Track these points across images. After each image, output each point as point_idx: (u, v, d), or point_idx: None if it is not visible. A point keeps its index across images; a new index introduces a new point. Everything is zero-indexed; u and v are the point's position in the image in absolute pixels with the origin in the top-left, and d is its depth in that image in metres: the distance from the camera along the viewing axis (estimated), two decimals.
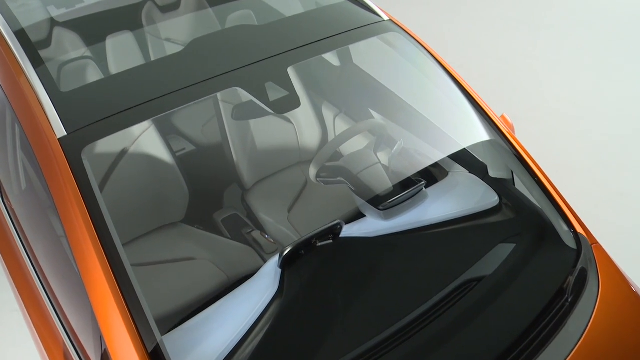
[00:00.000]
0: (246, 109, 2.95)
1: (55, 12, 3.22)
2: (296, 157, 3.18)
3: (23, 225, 2.62)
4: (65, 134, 2.10)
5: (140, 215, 2.78)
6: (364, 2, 2.79)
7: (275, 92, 2.34)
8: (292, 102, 2.36)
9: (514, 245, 2.33)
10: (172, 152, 2.85)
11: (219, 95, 2.98)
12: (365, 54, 3.13)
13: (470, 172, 2.65)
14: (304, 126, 3.19)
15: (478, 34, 6.24)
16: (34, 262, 2.55)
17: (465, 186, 2.61)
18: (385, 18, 2.72)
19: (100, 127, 2.12)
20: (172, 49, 3.40)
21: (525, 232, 2.39)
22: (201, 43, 2.47)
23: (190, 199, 2.86)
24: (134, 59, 3.16)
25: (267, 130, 3.12)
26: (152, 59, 3.37)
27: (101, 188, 2.68)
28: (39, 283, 2.49)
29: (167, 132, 3.50)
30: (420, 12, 6.65)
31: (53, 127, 2.13)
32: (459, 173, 2.67)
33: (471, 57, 5.82)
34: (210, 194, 3.07)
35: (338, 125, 3.19)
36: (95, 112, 2.17)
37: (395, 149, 2.76)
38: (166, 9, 3.46)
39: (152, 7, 3.42)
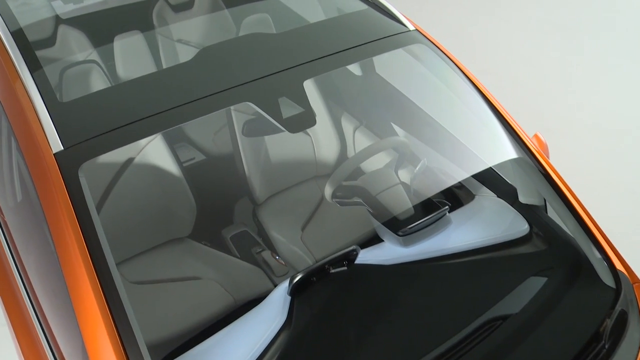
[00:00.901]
0: (257, 125, 2.86)
1: (60, 10, 3.16)
2: (312, 171, 3.09)
3: (15, 240, 2.55)
4: (62, 148, 2.02)
5: (144, 230, 2.71)
6: (389, 9, 2.69)
7: (289, 108, 2.25)
8: (306, 120, 2.26)
9: (544, 280, 2.21)
10: (180, 162, 2.78)
11: None
12: (389, 63, 3.03)
13: (498, 196, 2.55)
14: (322, 138, 3.10)
15: (510, 37, 6.07)
16: (24, 278, 2.48)
17: (492, 212, 2.50)
18: (411, 28, 2.62)
19: (99, 143, 2.03)
20: (184, 51, 3.33)
21: (558, 267, 2.27)
22: (211, 52, 2.38)
23: (197, 213, 2.79)
24: (143, 62, 3.09)
25: (282, 142, 3.03)
26: (163, 61, 3.30)
27: (102, 201, 2.63)
28: (28, 300, 2.42)
29: (175, 141, 3.43)
30: (449, 13, 6.52)
31: (49, 140, 2.04)
32: (486, 197, 2.57)
33: (501, 63, 5.66)
34: (219, 209, 2.99)
35: (358, 139, 3.10)
36: (95, 125, 2.08)
37: (418, 168, 2.65)
38: (179, 8, 3.38)
39: (164, 5, 3.34)
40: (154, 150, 2.72)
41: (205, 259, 2.71)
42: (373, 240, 2.36)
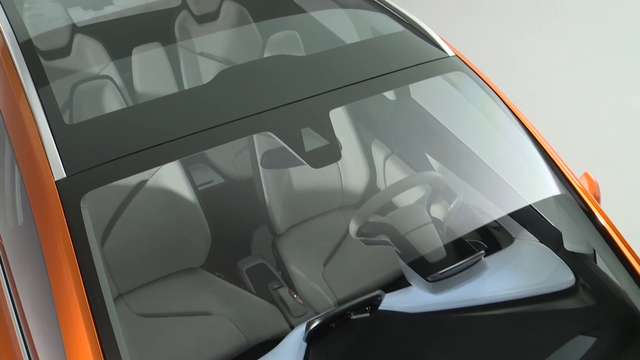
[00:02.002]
0: (277, 156, 2.77)
1: (77, 18, 3.10)
2: (338, 201, 2.97)
3: (11, 264, 2.48)
4: (65, 176, 1.94)
5: (154, 259, 2.63)
6: (427, 32, 2.57)
7: (312, 140, 2.15)
8: (331, 154, 2.15)
9: (592, 340, 2.07)
10: (195, 186, 2.70)
11: None
12: (425, 88, 2.91)
13: (540, 241, 2.41)
14: (350, 165, 2.99)
15: (563, 57, 5.88)
16: (15, 303, 2.41)
17: (533, 258, 2.36)
18: (450, 53, 2.50)
19: (105, 171, 1.94)
20: (206, 66, 3.25)
21: (608, 325, 2.12)
22: (231, 74, 2.28)
23: (212, 242, 2.71)
24: (163, 77, 3.01)
25: (307, 168, 2.94)
26: (184, 76, 3.22)
27: (110, 226, 2.56)
28: (18, 328, 2.35)
29: (193, 161, 3.37)
30: (492, 28, 6.36)
31: (51, 166, 1.96)
32: (527, 241, 2.42)
33: (552, 86, 5.47)
34: (236, 238, 2.91)
35: (389, 168, 2.98)
36: (102, 151, 1.99)
37: (452, 205, 2.53)
38: (203, 19, 3.30)
39: (187, 16, 3.26)
40: (167, 173, 2.65)
41: (217, 293, 2.62)
42: (399, 283, 2.26)
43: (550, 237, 2.40)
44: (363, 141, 3.02)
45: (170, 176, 2.66)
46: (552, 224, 2.43)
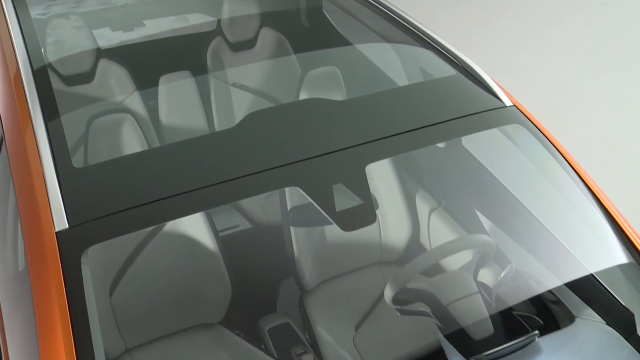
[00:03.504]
0: (306, 213, 2.63)
1: (103, 41, 3.00)
2: (375, 256, 2.82)
3: (4, 318, 2.36)
4: (67, 226, 1.80)
5: (168, 312, 2.53)
6: (482, 77, 2.38)
7: (344, 199, 1.98)
8: (364, 216, 1.97)
9: None
10: (216, 232, 2.58)
11: None
12: (478, 136, 2.75)
13: (607, 323, 2.20)
14: (391, 217, 2.82)
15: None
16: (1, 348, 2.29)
17: (597, 343, 2.15)
18: (508, 103, 2.31)
19: (112, 224, 1.80)
20: (239, 98, 3.12)
21: None
22: (258, 119, 2.13)
23: (233, 295, 2.58)
24: (191, 110, 2.90)
25: None
26: (214, 109, 3.10)
27: (120, 274, 2.45)
28: None
29: None
30: (559, 62, 6.14)
31: (53, 214, 1.82)
32: (590, 321, 2.22)
33: (628, 130, 5.22)
34: (260, 292, 2.79)
35: (434, 223, 2.81)
36: (110, 200, 1.85)
37: (504, 273, 2.34)
38: (238, 47, 3.17)
39: (221, 43, 3.14)
40: (186, 217, 2.52)
41: (235, 353, 2.50)
42: None
43: (620, 320, 2.20)
44: (406, 191, 2.87)
45: (188, 219, 2.55)
46: (623, 304, 2.22)
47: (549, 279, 2.39)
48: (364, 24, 2.75)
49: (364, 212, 1.95)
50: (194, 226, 2.54)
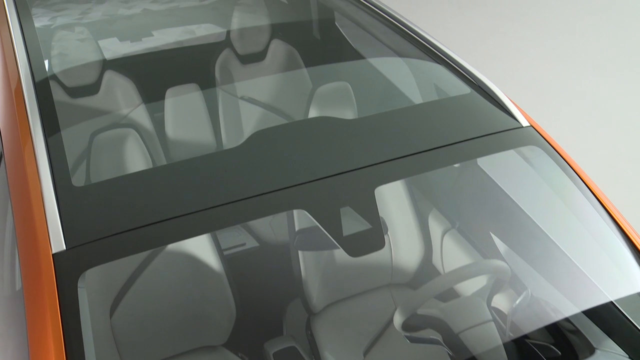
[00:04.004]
0: (311, 237, 2.56)
1: (110, 52, 2.95)
2: (386, 278, 2.74)
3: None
4: (64, 248, 1.74)
5: (169, 333, 2.46)
6: (497, 96, 2.31)
7: (352, 223, 1.91)
8: (373, 241, 1.90)
9: None
10: (220, 251, 2.51)
11: None
12: (493, 156, 2.67)
13: (629, 356, 2.11)
14: (402, 238, 2.75)
15: None
16: None
17: None
18: (525, 123, 2.23)
19: (110, 246, 1.74)
20: (248, 112, 3.06)
21: None
22: (264, 138, 2.07)
23: (237, 316, 2.51)
24: (198, 124, 2.84)
25: None
26: (222, 123, 3.04)
27: (120, 295, 2.39)
28: None
29: None
30: (580, 75, 6.05)
31: (50, 235, 1.76)
32: (612, 354, 2.13)
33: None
34: (265, 314, 2.71)
35: (447, 245, 2.73)
36: (111, 221, 1.79)
37: (519, 300, 2.26)
38: (248, 59, 3.11)
39: (230, 55, 3.08)
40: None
41: None
42: None
43: None
44: (419, 211, 2.79)
45: (193, 240, 2.47)
46: None
47: (567, 307, 2.31)
48: (377, 38, 2.69)
49: (372, 237, 1.88)
50: (198, 245, 2.48)
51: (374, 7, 2.79)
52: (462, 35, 6.78)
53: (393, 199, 2.74)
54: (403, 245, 2.75)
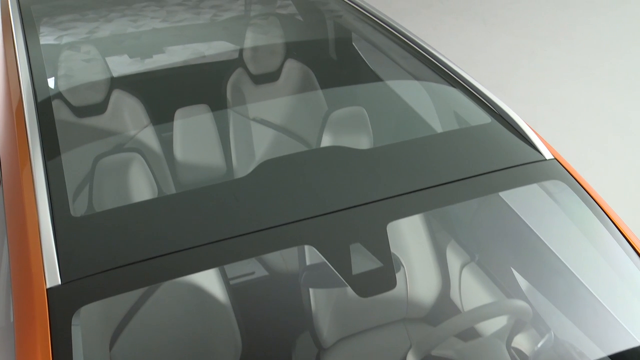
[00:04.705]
0: (321, 274, 2.47)
1: (118, 70, 2.89)
2: (400, 312, 2.65)
3: None
4: (59, 283, 1.67)
5: None
6: (520, 127, 2.21)
7: (362, 261, 1.81)
8: (384, 281, 1.80)
9: None
10: (226, 280, 2.43)
11: None
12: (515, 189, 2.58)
13: None
14: (418, 271, 2.66)
15: None
16: None
17: None
18: (548, 156, 2.14)
19: (109, 280, 1.66)
20: (260, 134, 2.98)
21: None
22: (273, 168, 1.99)
23: (243, 350, 2.43)
24: (208, 146, 2.76)
25: None
26: (233, 145, 2.96)
27: (121, 327, 2.32)
28: None
29: None
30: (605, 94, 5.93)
31: (45, 269, 1.68)
32: None
33: None
34: (272, 348, 2.62)
35: (465, 279, 2.63)
36: (109, 254, 1.71)
37: (542, 343, 2.15)
38: (261, 80, 3.04)
39: (243, 74, 3.01)
40: None
41: None
42: None
43: None
44: (436, 243, 2.70)
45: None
46: None
47: (593, 350, 2.21)
48: (396, 61, 2.61)
49: (383, 276, 1.79)
50: (203, 274, 2.40)
51: (393, 28, 2.71)
52: (487, 54, 6.70)
53: (410, 229, 2.66)
54: (419, 277, 2.66)
